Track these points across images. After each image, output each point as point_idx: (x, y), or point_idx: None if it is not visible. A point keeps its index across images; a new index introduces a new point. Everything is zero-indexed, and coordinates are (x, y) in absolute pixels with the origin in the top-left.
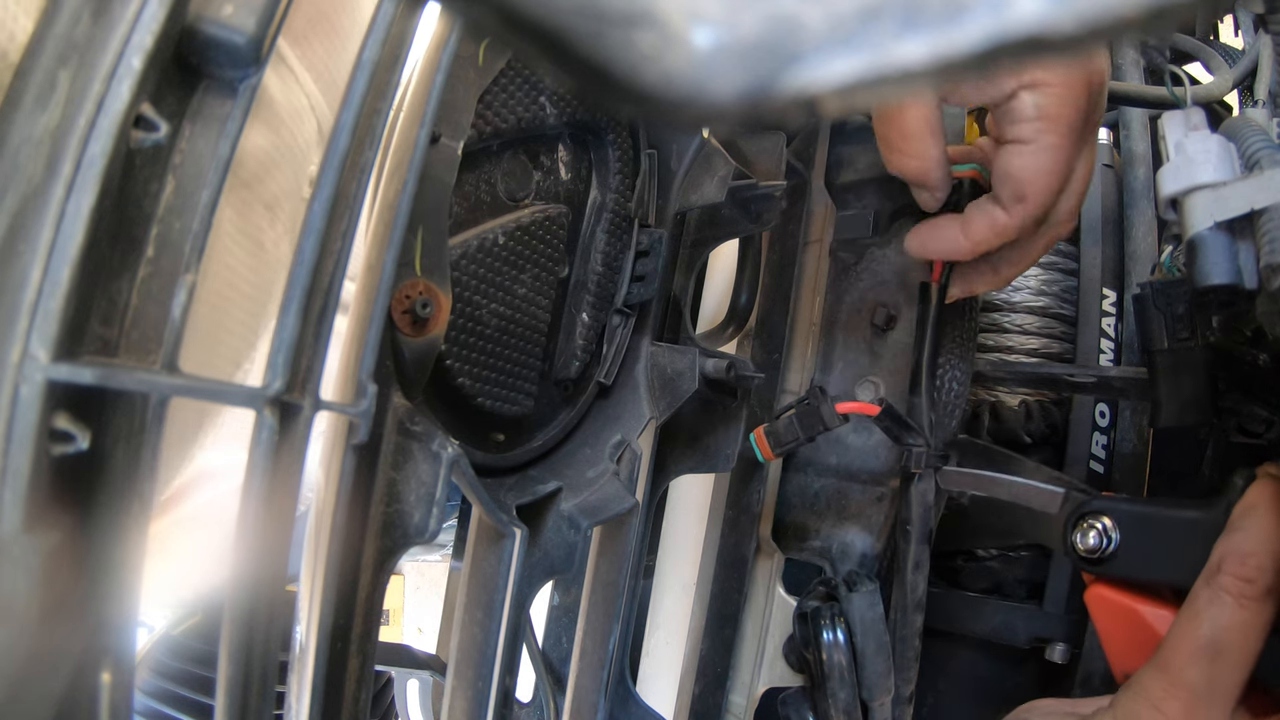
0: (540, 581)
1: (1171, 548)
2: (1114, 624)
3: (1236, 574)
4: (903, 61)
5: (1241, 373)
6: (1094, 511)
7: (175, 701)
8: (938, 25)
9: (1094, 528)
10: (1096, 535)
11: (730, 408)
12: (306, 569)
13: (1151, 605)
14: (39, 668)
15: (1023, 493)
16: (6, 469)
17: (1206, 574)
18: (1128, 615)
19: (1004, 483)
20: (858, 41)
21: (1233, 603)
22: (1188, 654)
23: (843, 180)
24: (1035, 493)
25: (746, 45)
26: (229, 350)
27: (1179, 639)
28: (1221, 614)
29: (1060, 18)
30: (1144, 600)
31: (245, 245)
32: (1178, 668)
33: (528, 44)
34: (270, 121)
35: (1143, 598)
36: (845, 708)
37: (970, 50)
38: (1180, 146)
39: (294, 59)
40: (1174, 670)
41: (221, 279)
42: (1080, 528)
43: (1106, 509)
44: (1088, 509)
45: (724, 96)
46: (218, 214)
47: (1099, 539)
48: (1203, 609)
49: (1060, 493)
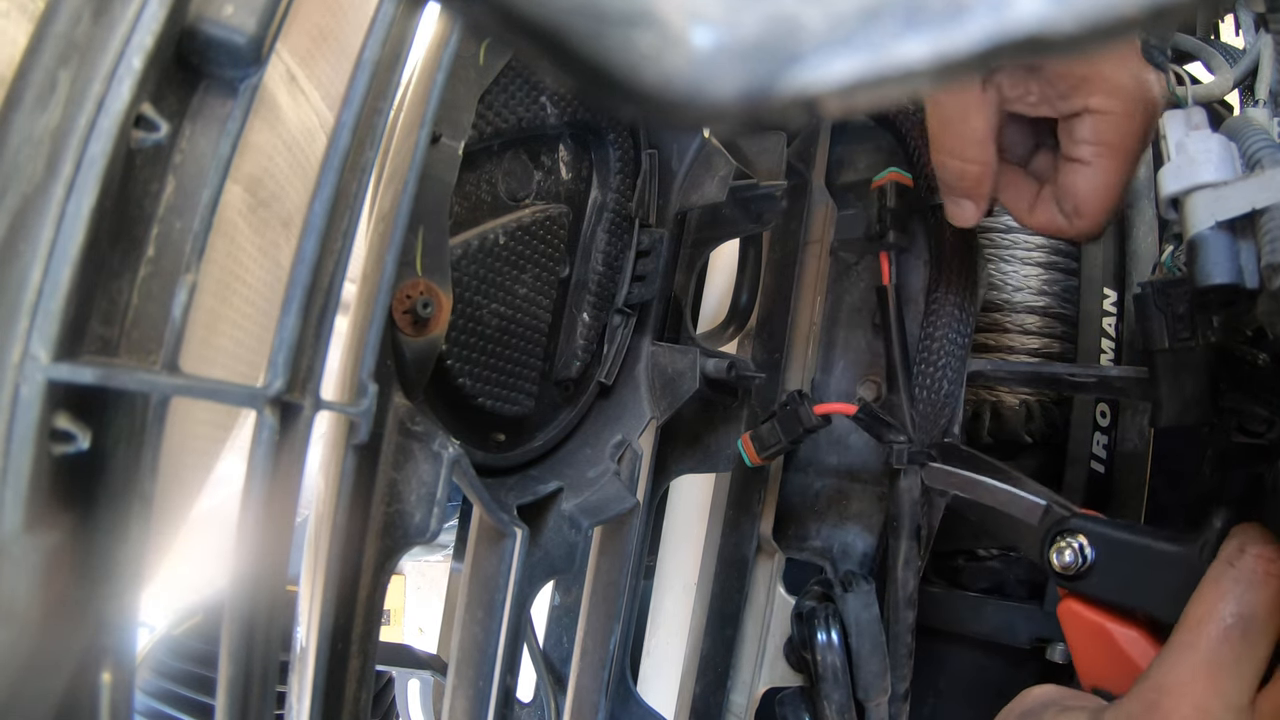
0: (541, 581)
1: (1145, 576)
2: (1083, 639)
3: (1264, 555)
4: (903, 61)
5: (1242, 373)
6: (1071, 530)
7: (176, 701)
8: (938, 25)
9: (1070, 546)
10: (1072, 554)
11: (731, 408)
12: (307, 569)
13: (1121, 625)
14: (40, 667)
15: (1005, 499)
16: (7, 469)
17: (1227, 558)
18: (1097, 633)
19: (987, 486)
20: (858, 41)
21: (1261, 582)
22: (1216, 634)
23: (843, 180)
24: (1017, 501)
25: (746, 45)
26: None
27: (1204, 621)
28: (1250, 594)
29: (1060, 17)
30: (1114, 620)
31: (264, 264)
32: (1206, 648)
33: (528, 44)
34: (285, 139)
35: (1113, 617)
36: (840, 708)
37: (971, 50)
38: (1181, 146)
39: (304, 79)
40: (1202, 649)
41: (243, 297)
42: (1057, 544)
43: (1084, 529)
44: (1065, 526)
45: (724, 97)
46: (238, 233)
47: (1074, 557)
48: (1228, 589)
49: (1041, 505)
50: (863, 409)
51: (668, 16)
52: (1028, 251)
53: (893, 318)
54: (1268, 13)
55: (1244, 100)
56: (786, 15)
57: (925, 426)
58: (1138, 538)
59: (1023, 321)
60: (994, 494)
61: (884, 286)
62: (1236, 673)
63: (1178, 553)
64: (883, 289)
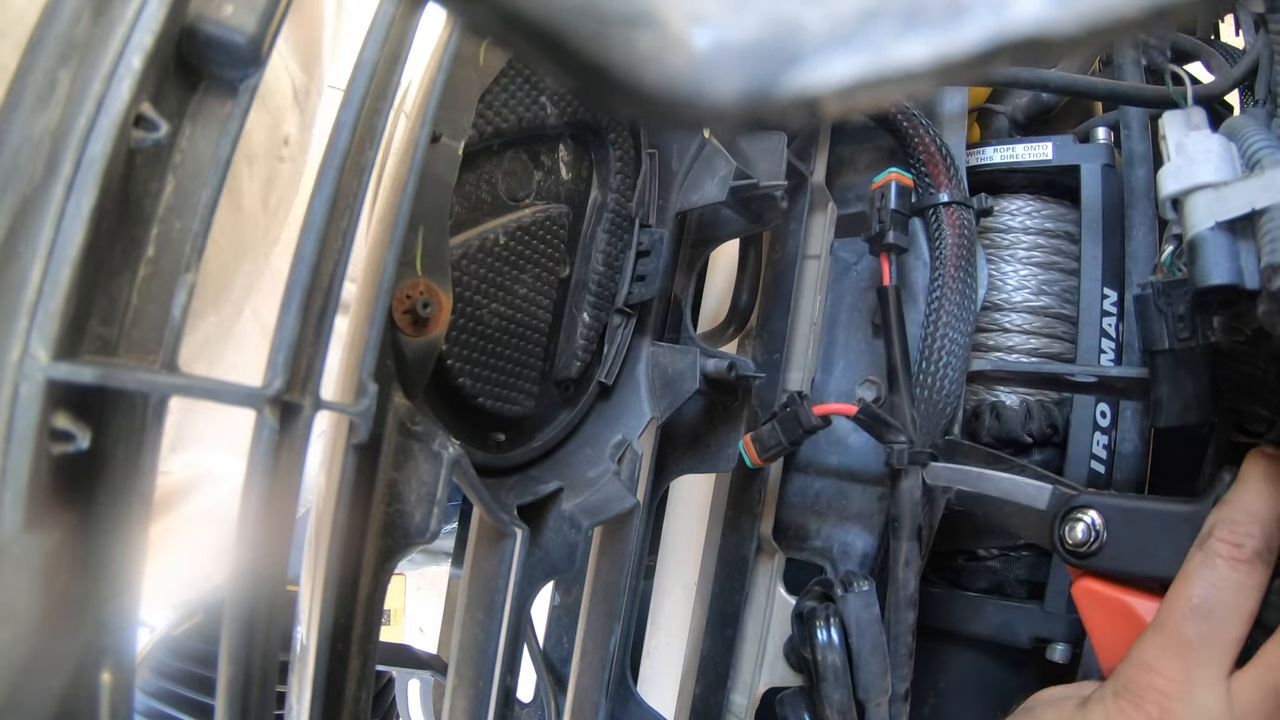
0: (541, 581)
1: (1158, 541)
2: (1102, 617)
3: (1226, 539)
4: (903, 62)
5: (1242, 373)
6: (1081, 506)
7: (176, 701)
8: (938, 26)
9: (1081, 521)
10: (1085, 529)
11: (731, 408)
12: (307, 569)
13: (1140, 597)
14: (40, 667)
15: (1010, 488)
16: (7, 468)
17: (1199, 541)
18: (1116, 608)
19: (991, 478)
20: (858, 42)
21: (1224, 564)
22: (1182, 613)
23: (844, 180)
24: (1023, 488)
25: (746, 46)
26: (209, 295)
27: (1173, 601)
28: (1213, 575)
29: (1060, 18)
30: (1132, 593)
31: (225, 198)
32: (1173, 627)
33: (528, 44)
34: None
35: (1131, 590)
36: (840, 708)
37: (971, 51)
38: (1181, 146)
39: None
40: (1169, 630)
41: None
42: (1068, 521)
43: (1094, 503)
44: (1076, 503)
45: (724, 97)
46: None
47: (1086, 533)
48: (1194, 570)
49: (1048, 488)
50: (863, 409)
51: (668, 17)
52: (1028, 251)
53: (893, 318)
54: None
55: (1244, 100)
56: (786, 16)
57: (926, 427)
58: (1147, 504)
59: (1023, 321)
60: (998, 484)
61: (884, 287)
62: (1204, 653)
63: (1190, 511)
64: (883, 290)
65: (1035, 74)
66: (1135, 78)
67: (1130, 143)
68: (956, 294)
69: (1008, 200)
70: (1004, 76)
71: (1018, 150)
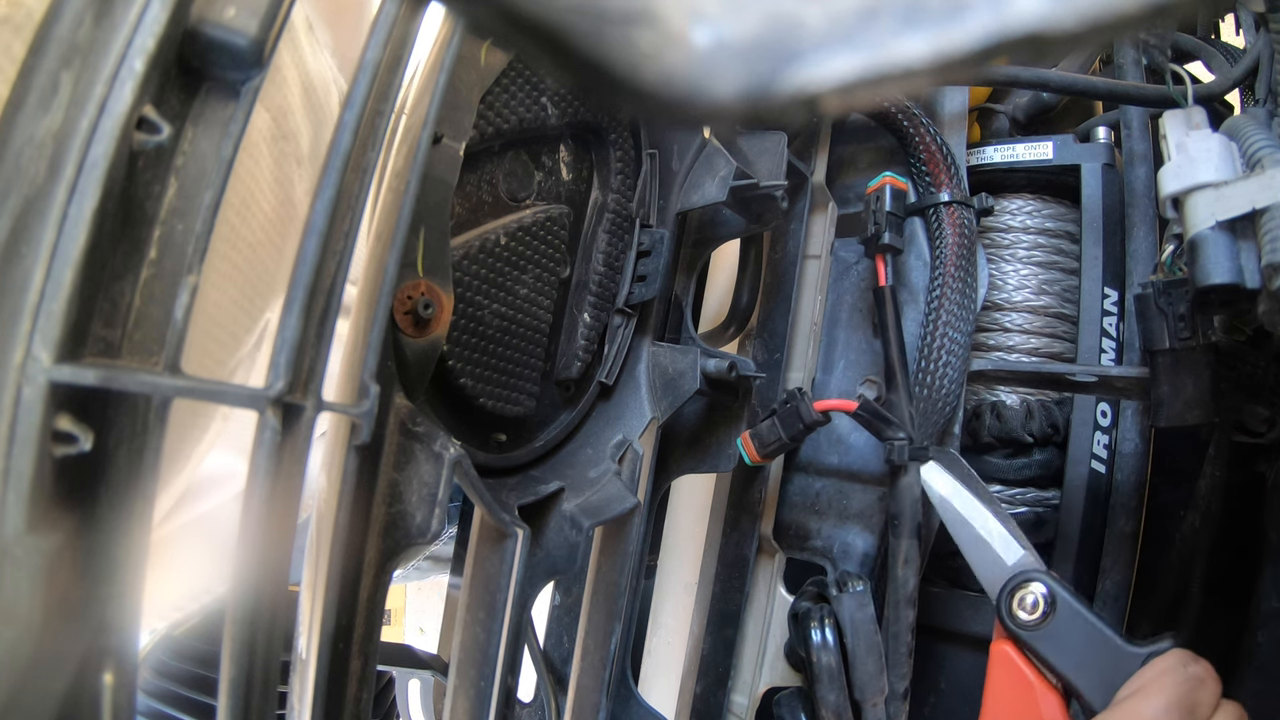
0: (542, 581)
1: (1088, 654)
2: (1006, 686)
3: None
4: (903, 59)
5: (1243, 372)
6: (1039, 581)
7: (177, 702)
8: (938, 23)
9: (1033, 594)
10: (1035, 601)
11: (732, 408)
12: (309, 570)
13: (1045, 688)
14: (42, 668)
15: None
16: (9, 470)
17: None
18: (1022, 686)
19: (965, 533)
20: (858, 39)
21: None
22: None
23: (845, 179)
24: (988, 553)
25: (746, 44)
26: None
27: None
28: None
29: (1060, 15)
30: (1041, 680)
31: (278, 193)
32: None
33: (529, 43)
34: (304, 80)
35: (1038, 674)
36: (836, 709)
37: (971, 48)
38: (1181, 146)
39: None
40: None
41: (257, 221)
42: (1023, 589)
43: (1052, 587)
44: (1032, 578)
45: (724, 95)
46: (261, 156)
47: (1036, 604)
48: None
49: (1020, 553)
50: (863, 405)
51: (668, 15)
52: (1028, 251)
53: (889, 319)
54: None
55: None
56: (786, 14)
57: (925, 425)
58: (1098, 620)
59: (1023, 321)
60: (970, 540)
61: (880, 288)
62: None
63: (1127, 651)
64: (879, 290)
65: (1035, 73)
66: (1136, 77)
67: (1131, 142)
68: (956, 293)
69: (1008, 200)
70: (1004, 75)
71: (1018, 150)
